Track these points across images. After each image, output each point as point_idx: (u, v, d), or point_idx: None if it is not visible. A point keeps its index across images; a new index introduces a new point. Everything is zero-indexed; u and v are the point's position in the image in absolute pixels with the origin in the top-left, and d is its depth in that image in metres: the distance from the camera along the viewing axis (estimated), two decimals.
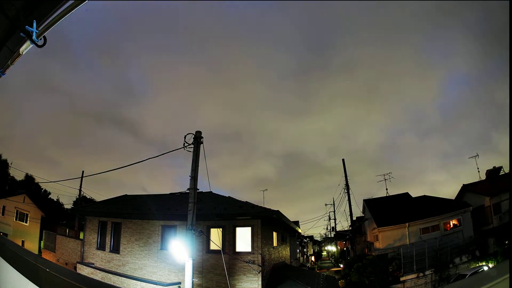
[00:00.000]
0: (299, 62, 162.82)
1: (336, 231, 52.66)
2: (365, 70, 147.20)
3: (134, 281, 16.87)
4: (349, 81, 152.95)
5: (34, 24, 3.20)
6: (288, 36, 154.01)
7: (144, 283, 16.39)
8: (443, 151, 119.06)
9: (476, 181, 32.07)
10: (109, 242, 20.11)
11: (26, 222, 33.27)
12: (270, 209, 16.99)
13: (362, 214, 39.86)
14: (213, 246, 16.33)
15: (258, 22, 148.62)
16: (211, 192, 18.36)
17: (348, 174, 34.72)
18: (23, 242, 31.46)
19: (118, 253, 19.40)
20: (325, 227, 69.32)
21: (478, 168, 32.93)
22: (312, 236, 71.59)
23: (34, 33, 3.22)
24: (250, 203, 18.48)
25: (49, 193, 44.86)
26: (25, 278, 3.97)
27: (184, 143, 12.09)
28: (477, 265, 22.73)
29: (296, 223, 35.48)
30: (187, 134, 12.24)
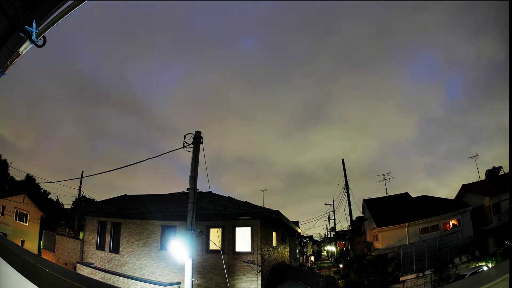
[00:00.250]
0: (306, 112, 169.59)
1: (335, 231, 52.65)
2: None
3: (134, 281, 16.86)
4: (343, 128, 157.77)
5: (34, 24, 3.19)
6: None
7: (144, 283, 16.38)
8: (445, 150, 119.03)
9: (475, 181, 32.16)
10: (108, 242, 20.10)
11: (25, 222, 33.25)
12: (269, 209, 16.98)
13: (361, 214, 39.90)
14: (212, 246, 16.32)
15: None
16: (211, 192, 18.36)
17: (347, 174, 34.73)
18: (22, 242, 31.43)
19: (118, 253, 19.39)
20: (325, 227, 69.32)
21: (477, 168, 33.02)
22: (312, 236, 71.61)
23: (34, 33, 3.22)
24: (250, 203, 18.47)
25: (49, 193, 44.87)
26: (24, 278, 3.97)
27: (183, 143, 12.06)
28: (477, 265, 22.74)
29: (296, 223, 35.47)
30: (187, 134, 12.21)
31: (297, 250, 36.78)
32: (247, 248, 16.23)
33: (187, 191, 12.00)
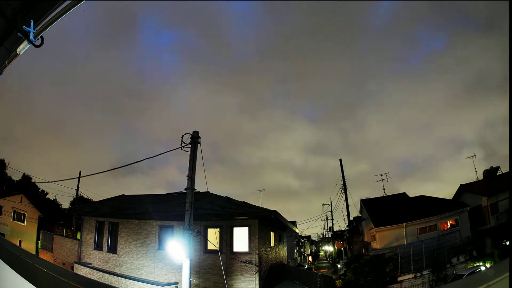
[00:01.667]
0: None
1: (333, 231, 52.71)
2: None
3: (132, 281, 16.86)
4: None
5: (32, 24, 3.20)
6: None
7: (142, 283, 16.37)
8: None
9: (473, 181, 32.26)
10: (106, 242, 20.07)
11: (23, 222, 33.18)
12: (267, 209, 16.96)
13: (359, 214, 39.97)
14: (210, 246, 16.31)
15: None
16: (209, 192, 18.33)
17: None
18: (20, 242, 31.38)
19: (116, 253, 19.36)
20: (323, 227, 69.38)
21: (475, 168, 33.11)
22: (310, 236, 71.65)
23: (32, 33, 3.22)
24: (248, 203, 18.46)
25: (47, 193, 44.79)
26: (22, 278, 3.97)
27: (181, 143, 12.05)
28: (475, 265, 22.82)
29: (294, 223, 35.48)
30: (185, 134, 12.19)
31: (295, 250, 36.90)
32: (245, 248, 16.22)
33: (185, 191, 11.99)
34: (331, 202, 48.64)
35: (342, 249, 48.20)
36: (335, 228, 51.89)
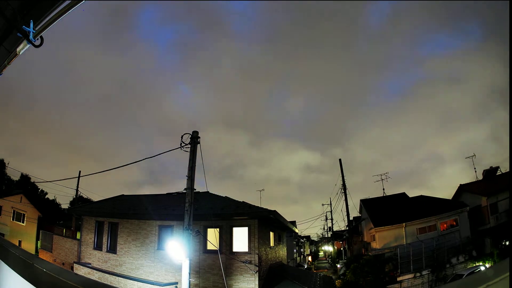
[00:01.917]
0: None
1: (333, 231, 52.69)
2: None
3: (131, 281, 16.86)
4: None
5: (31, 24, 3.20)
6: None
7: (141, 283, 16.38)
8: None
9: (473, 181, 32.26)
10: (106, 242, 20.06)
11: (23, 222, 33.17)
12: (267, 209, 16.96)
13: (359, 214, 39.96)
14: (210, 246, 16.31)
15: None
16: (208, 192, 18.33)
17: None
18: (20, 242, 31.37)
19: (115, 253, 19.35)
20: (322, 227, 69.31)
21: (475, 168, 33.10)
22: (309, 236, 71.62)
23: (31, 33, 3.22)
24: (247, 203, 18.46)
25: (46, 193, 44.76)
26: (22, 278, 3.96)
27: (181, 143, 12.05)
28: (474, 265, 22.82)
29: (293, 223, 35.46)
30: (184, 134, 12.19)
31: (295, 250, 36.91)
32: (245, 248, 16.22)
33: (185, 191, 11.99)
34: (330, 202, 48.67)
35: (341, 249, 48.19)
36: (335, 228, 51.94)
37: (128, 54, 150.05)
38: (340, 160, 34.97)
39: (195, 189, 12.06)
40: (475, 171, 32.99)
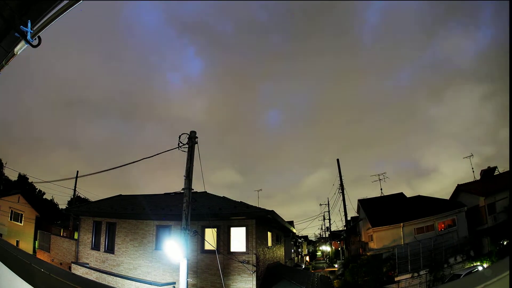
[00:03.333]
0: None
1: (330, 231, 52.75)
2: None
3: (129, 281, 16.84)
4: None
5: (29, 24, 3.20)
6: None
7: (139, 283, 16.36)
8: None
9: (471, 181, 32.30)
10: (103, 242, 20.05)
11: (20, 222, 33.07)
12: (264, 209, 17.00)
13: (356, 214, 39.96)
14: (207, 246, 16.33)
15: None
16: (206, 192, 18.34)
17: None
18: (17, 242, 31.27)
19: (113, 253, 19.34)
20: (320, 227, 69.33)
21: (472, 168, 33.17)
22: (307, 236, 71.65)
23: (29, 33, 3.22)
24: (245, 203, 18.48)
25: (44, 193, 44.65)
26: (19, 278, 3.96)
27: (178, 143, 12.05)
28: (472, 265, 22.87)
29: (291, 223, 35.48)
30: (182, 134, 12.18)
31: (292, 250, 36.86)
32: (242, 248, 16.24)
33: (182, 191, 11.99)
34: (328, 202, 48.75)
35: (339, 249, 48.23)
36: (333, 228, 52.02)
37: (128, 54, 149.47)
38: (337, 160, 35.07)
39: (193, 189, 12.05)
40: (473, 171, 33.11)
